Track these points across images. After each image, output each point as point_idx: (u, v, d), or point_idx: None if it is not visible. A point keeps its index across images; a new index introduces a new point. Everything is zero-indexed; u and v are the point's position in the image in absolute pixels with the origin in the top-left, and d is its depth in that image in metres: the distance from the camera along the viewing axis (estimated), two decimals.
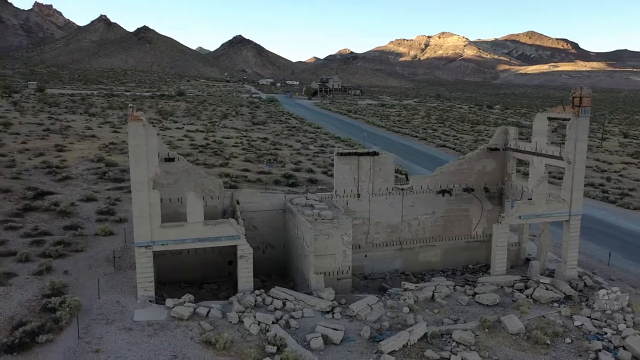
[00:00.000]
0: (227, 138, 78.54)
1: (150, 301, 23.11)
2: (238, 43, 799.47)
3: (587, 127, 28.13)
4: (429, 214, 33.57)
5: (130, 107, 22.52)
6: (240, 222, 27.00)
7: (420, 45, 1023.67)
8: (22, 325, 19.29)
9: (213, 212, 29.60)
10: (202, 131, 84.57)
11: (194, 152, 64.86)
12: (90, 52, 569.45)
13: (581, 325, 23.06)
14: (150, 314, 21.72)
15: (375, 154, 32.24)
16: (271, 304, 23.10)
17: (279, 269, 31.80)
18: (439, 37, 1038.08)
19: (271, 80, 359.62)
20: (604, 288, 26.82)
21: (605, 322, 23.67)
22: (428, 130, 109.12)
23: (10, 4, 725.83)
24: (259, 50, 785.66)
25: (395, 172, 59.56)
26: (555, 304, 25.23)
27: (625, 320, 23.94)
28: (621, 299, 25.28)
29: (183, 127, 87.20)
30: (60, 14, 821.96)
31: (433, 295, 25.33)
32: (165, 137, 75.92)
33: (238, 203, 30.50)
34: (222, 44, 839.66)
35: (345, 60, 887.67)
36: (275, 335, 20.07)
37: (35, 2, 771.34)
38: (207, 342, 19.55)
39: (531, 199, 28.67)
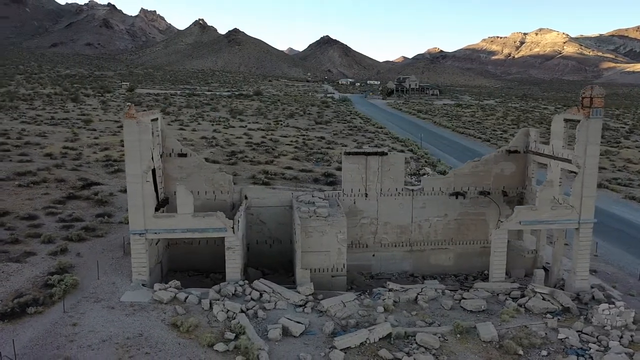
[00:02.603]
0: (284, 137, 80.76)
1: (143, 285, 25.06)
2: (325, 44, 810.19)
3: (599, 129, 26.26)
4: (441, 216, 32.89)
5: (128, 105, 24.50)
6: (241, 216, 28.31)
7: (514, 42, 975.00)
8: (19, 297, 21.90)
9: (222, 206, 31.13)
10: (263, 129, 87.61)
11: (246, 149, 67.55)
12: (185, 54, 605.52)
13: (565, 338, 21.77)
14: (137, 296, 23.59)
15: (383, 154, 32.18)
16: (250, 294, 24.14)
17: (285, 263, 32.73)
18: (536, 34, 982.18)
19: (351, 80, 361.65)
20: (612, 302, 25.00)
21: (597, 337, 22.13)
22: (498, 131, 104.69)
23: (120, 10, 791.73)
24: (344, 50, 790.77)
25: (441, 174, 58.51)
26: (548, 315, 23.95)
27: (621, 337, 22.23)
28: (625, 315, 23.46)
29: (246, 126, 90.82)
30: (162, 18, 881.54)
31: (417, 298, 25.04)
32: (226, 134, 79.80)
33: (246, 198, 31.89)
34: (309, 45, 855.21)
35: (432, 59, 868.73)
36: (238, 323, 21.09)
37: (141, 8, 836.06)
38: (174, 325, 20.98)
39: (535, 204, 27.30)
